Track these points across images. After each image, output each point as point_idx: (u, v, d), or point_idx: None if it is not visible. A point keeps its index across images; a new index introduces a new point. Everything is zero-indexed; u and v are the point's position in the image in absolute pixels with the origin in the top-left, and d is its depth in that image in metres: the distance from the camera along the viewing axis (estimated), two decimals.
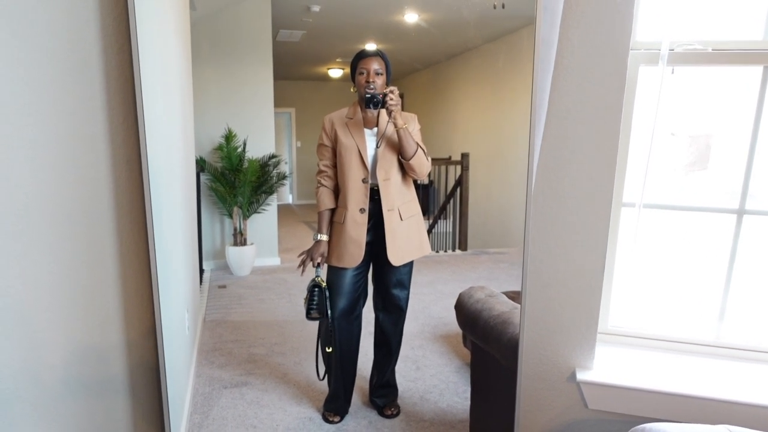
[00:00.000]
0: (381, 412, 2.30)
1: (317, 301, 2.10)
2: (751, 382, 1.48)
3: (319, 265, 2.13)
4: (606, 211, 1.45)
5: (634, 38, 1.45)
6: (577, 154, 1.44)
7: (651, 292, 1.75)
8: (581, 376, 1.51)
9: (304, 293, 2.16)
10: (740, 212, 1.55)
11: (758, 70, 1.46)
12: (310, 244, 2.17)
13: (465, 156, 5.14)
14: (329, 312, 2.12)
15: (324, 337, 2.19)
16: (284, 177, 4.82)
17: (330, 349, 2.18)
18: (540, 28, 1.33)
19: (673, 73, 1.47)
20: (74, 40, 1.25)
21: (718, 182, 1.67)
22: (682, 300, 1.73)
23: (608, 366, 1.55)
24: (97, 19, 1.27)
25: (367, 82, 2.00)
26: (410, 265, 2.20)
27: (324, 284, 2.12)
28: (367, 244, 2.09)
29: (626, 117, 1.49)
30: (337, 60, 7.26)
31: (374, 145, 2.07)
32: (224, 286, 4.31)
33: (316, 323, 2.21)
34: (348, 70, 2.11)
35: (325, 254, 2.13)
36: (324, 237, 2.13)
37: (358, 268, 2.13)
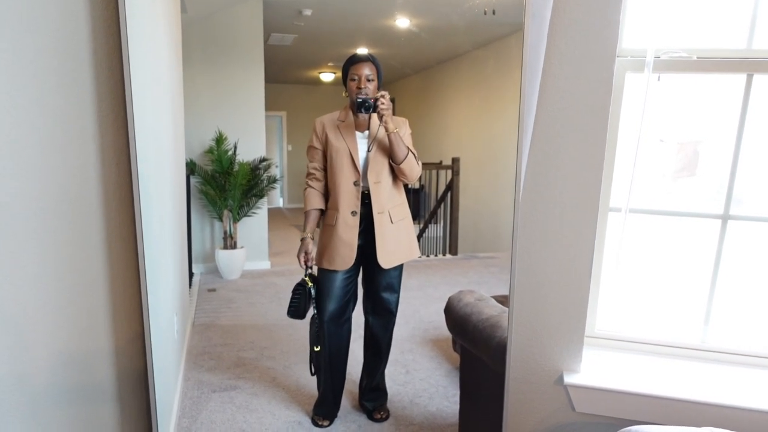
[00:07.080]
0: (370, 416, 2.30)
1: (297, 302, 2.10)
2: (735, 385, 1.50)
3: (306, 264, 2.12)
4: (593, 215, 1.47)
5: (621, 45, 1.47)
6: (565, 160, 1.45)
7: (638, 296, 1.76)
8: (568, 379, 1.53)
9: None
10: (725, 217, 1.58)
11: (741, 78, 1.48)
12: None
13: (456, 161, 5.14)
14: (316, 312, 2.11)
15: (312, 336, 2.18)
16: (275, 180, 4.81)
17: (318, 348, 2.17)
18: (528, 35, 1.34)
19: (659, 80, 1.50)
20: (64, 40, 1.25)
21: (706, 188, 1.70)
22: (669, 304, 1.75)
23: (595, 369, 1.57)
24: (87, 20, 1.27)
25: (359, 88, 2.01)
26: (400, 268, 2.20)
27: (310, 284, 2.11)
28: (358, 247, 2.10)
29: (613, 123, 1.51)
30: (329, 64, 7.25)
31: (366, 149, 2.07)
32: (214, 290, 4.28)
33: (307, 325, 2.21)
34: (340, 74, 2.12)
35: (309, 252, 2.12)
36: (308, 236, 2.13)
37: (348, 271, 2.13)
